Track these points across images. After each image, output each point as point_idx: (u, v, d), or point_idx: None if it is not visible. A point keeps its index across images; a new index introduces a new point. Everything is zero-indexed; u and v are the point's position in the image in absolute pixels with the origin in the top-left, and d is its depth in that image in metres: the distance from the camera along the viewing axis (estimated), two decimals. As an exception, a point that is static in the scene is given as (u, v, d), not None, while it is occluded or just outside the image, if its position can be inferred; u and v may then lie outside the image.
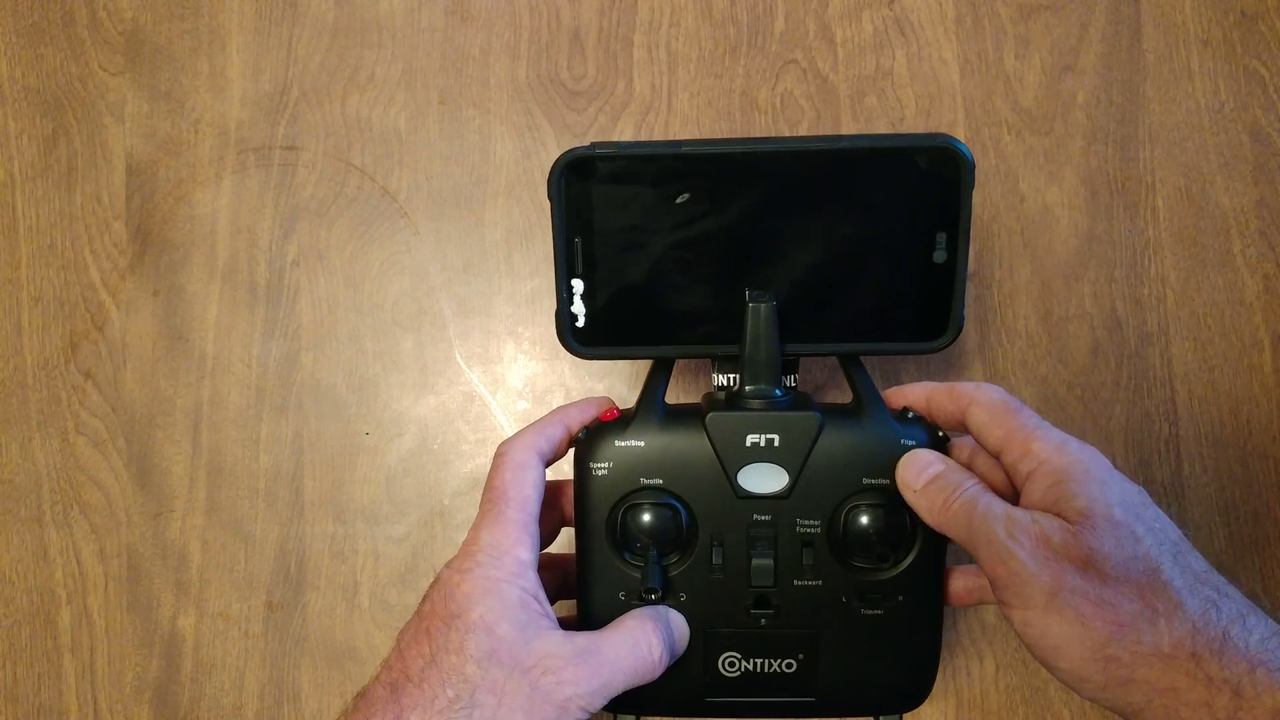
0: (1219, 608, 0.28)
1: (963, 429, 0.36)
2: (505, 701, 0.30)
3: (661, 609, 0.35)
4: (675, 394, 0.48)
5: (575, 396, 0.49)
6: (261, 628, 0.48)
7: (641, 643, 0.33)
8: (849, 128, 0.50)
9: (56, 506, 0.49)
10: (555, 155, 0.50)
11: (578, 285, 0.37)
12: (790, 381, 0.37)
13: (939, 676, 0.47)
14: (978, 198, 0.49)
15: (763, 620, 0.36)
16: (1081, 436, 0.48)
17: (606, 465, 0.35)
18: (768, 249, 0.36)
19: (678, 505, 0.35)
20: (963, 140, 0.38)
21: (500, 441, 0.36)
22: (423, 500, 0.48)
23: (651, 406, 0.36)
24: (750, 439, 0.35)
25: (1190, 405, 0.48)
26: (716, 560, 0.36)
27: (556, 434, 0.36)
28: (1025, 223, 0.49)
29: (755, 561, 0.35)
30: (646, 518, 0.35)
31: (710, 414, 0.35)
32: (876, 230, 0.36)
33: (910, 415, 0.36)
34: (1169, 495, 0.48)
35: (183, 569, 0.48)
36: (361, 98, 0.50)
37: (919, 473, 0.34)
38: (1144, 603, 0.29)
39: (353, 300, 0.50)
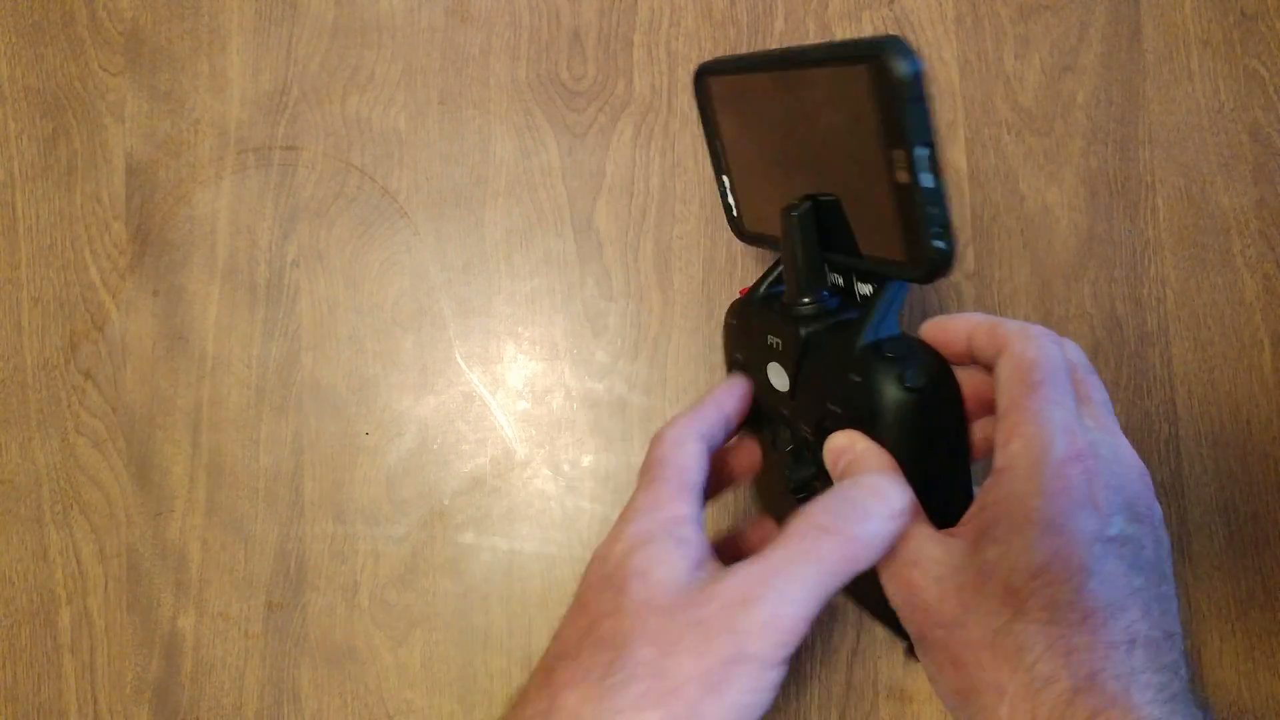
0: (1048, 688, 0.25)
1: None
2: (669, 650, 0.25)
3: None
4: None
5: (575, 397, 0.49)
6: (261, 628, 0.48)
7: (863, 498, 0.28)
8: (849, 128, 0.50)
9: (56, 506, 0.49)
10: (555, 155, 0.50)
11: (725, 181, 0.41)
12: (862, 289, 0.35)
13: (939, 676, 0.47)
14: (978, 197, 0.49)
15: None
16: (1081, 436, 0.48)
17: (727, 331, 0.40)
18: (802, 158, 0.35)
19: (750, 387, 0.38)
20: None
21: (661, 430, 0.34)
22: (423, 500, 0.48)
23: (769, 289, 0.39)
24: (770, 338, 0.36)
25: (1190, 405, 0.48)
26: (769, 443, 0.38)
27: (711, 415, 0.34)
28: (1025, 223, 0.49)
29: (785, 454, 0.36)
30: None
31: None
32: (846, 149, 0.32)
33: (904, 341, 0.32)
34: (1169, 495, 0.48)
35: (183, 569, 0.48)
36: (361, 98, 0.50)
37: (836, 457, 0.30)
38: (995, 672, 0.26)
39: (353, 300, 0.50)
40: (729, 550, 0.38)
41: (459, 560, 0.48)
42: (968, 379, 0.32)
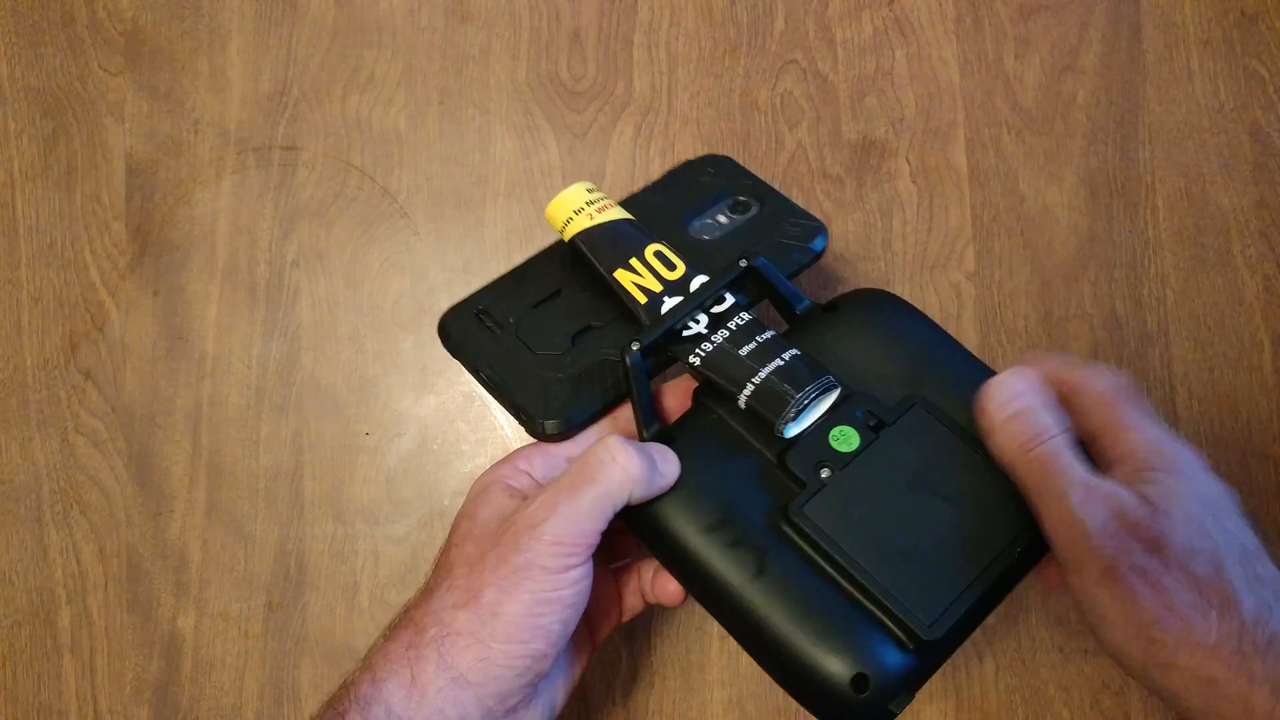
0: (1274, 611, 0.28)
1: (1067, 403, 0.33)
2: (476, 567, 0.32)
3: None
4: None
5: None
6: (261, 628, 0.48)
7: (603, 455, 0.33)
8: (849, 128, 0.50)
9: (56, 506, 0.49)
10: (555, 155, 0.50)
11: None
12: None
13: (940, 675, 0.47)
14: (978, 197, 0.49)
15: None
16: (1081, 436, 0.48)
17: None
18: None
19: None
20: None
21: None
22: (423, 500, 0.48)
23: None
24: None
25: (1190, 405, 0.48)
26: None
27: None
28: (1025, 223, 0.49)
29: None
30: None
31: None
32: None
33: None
34: (1169, 495, 0.48)
35: (183, 569, 0.48)
36: (361, 98, 0.51)
37: (1006, 402, 0.31)
38: (1199, 594, 0.28)
39: (353, 300, 0.50)
40: None
41: (459, 560, 0.48)
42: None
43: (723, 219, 0.41)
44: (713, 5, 0.51)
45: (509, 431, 0.49)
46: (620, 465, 0.32)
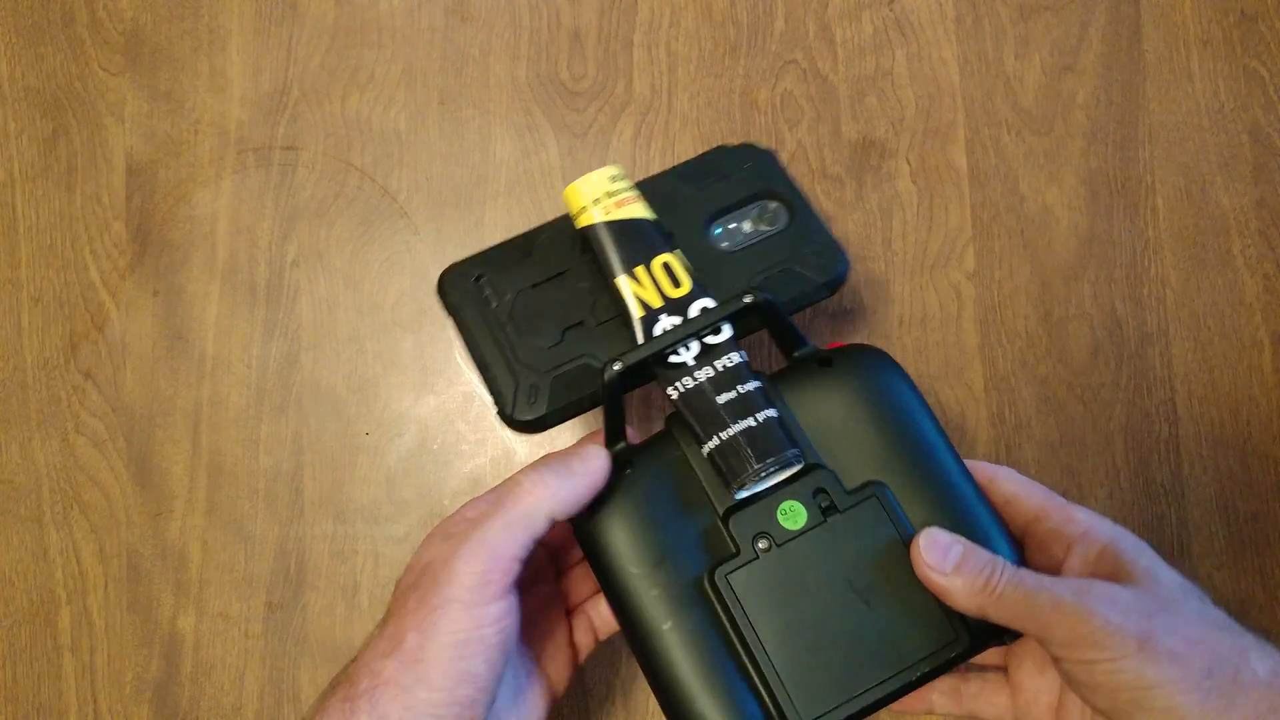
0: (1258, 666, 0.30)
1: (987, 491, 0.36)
2: (399, 615, 0.32)
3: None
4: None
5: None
6: (261, 628, 0.48)
7: (515, 481, 0.33)
8: (849, 128, 0.50)
9: (56, 506, 0.49)
10: (555, 155, 0.50)
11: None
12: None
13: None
14: (978, 197, 0.49)
15: None
16: (1081, 437, 0.48)
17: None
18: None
19: None
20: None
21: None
22: (423, 500, 0.48)
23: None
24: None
25: (1190, 405, 0.48)
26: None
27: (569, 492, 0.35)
28: (1025, 223, 0.49)
29: None
30: None
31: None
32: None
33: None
34: (1169, 495, 0.48)
35: (183, 569, 0.48)
36: (361, 98, 0.51)
37: (943, 555, 0.32)
38: (1232, 642, 0.30)
39: (353, 300, 0.50)
40: None
41: (459, 560, 0.48)
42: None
43: (747, 227, 0.40)
44: (713, 5, 0.51)
45: (509, 431, 0.49)
46: (527, 490, 0.32)
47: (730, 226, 0.40)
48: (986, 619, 0.32)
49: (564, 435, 0.48)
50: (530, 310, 0.38)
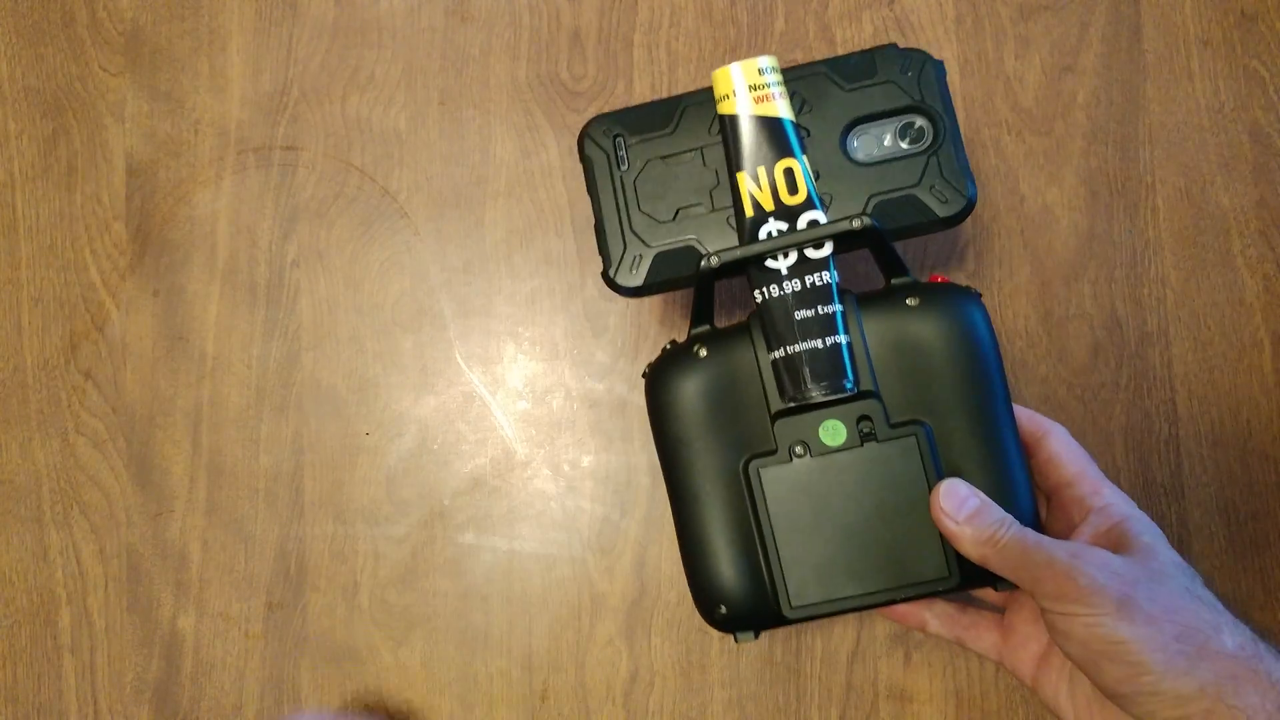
0: (1254, 637, 0.33)
1: (1031, 448, 0.39)
2: None
3: None
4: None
5: (575, 397, 0.49)
6: (261, 628, 0.48)
7: None
8: (849, 128, 0.50)
9: (56, 506, 0.49)
10: (555, 155, 0.50)
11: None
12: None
13: (939, 676, 0.47)
14: (979, 197, 0.49)
15: None
16: (1081, 437, 0.48)
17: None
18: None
19: None
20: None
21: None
22: (423, 500, 0.48)
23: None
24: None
25: (1190, 405, 0.48)
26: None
27: None
28: (1025, 223, 0.49)
29: None
30: None
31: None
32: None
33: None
34: (1169, 495, 0.48)
35: (183, 569, 0.48)
36: (361, 98, 0.51)
37: (958, 507, 0.35)
38: (1209, 617, 0.32)
39: (353, 300, 0.50)
40: None
41: (459, 560, 0.48)
42: None
43: (887, 140, 0.39)
44: (713, 5, 0.51)
45: (509, 432, 0.49)
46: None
47: (868, 136, 0.40)
48: (987, 567, 0.35)
49: (620, 470, 0.48)
50: (655, 182, 0.40)
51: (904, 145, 0.39)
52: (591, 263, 0.49)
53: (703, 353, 0.38)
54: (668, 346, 0.39)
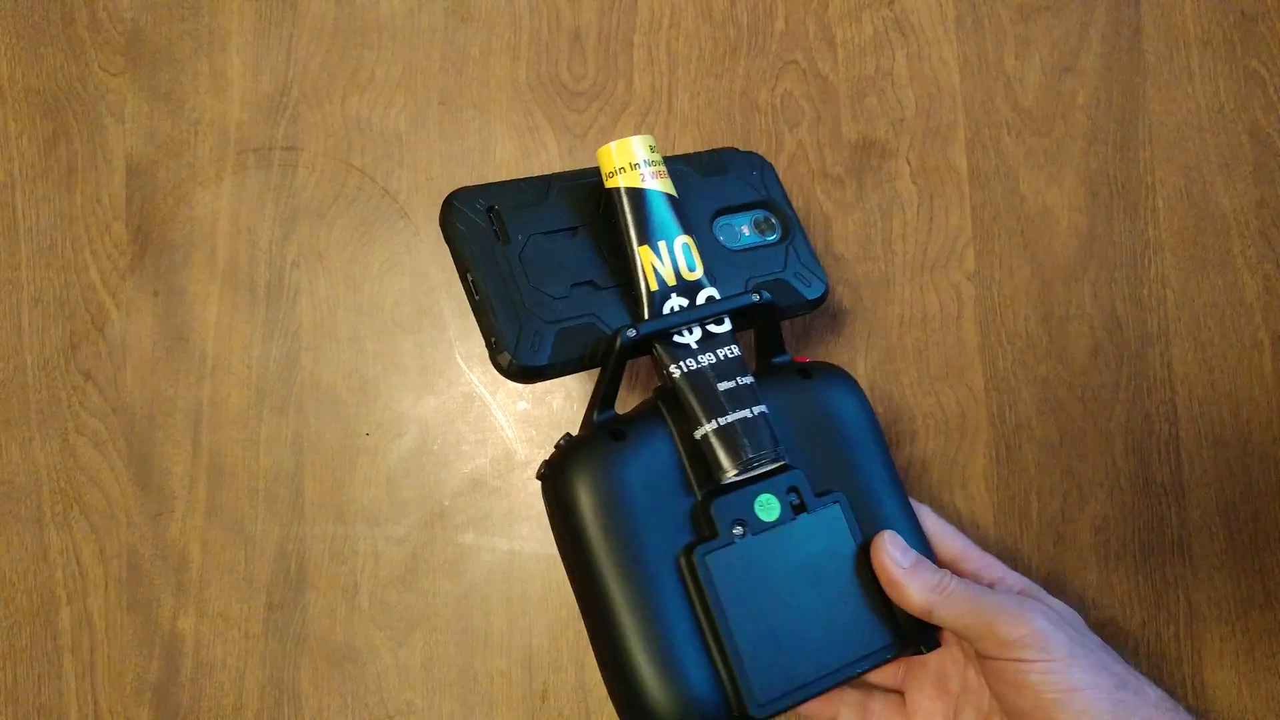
0: (1164, 692, 0.35)
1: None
2: None
3: None
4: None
5: (576, 397, 0.49)
6: (261, 628, 0.48)
7: None
8: (849, 128, 0.50)
9: (56, 507, 0.49)
10: (555, 156, 0.50)
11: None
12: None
13: (939, 677, 0.47)
14: (978, 197, 0.49)
15: None
16: (1081, 437, 0.48)
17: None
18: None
19: None
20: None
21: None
22: (423, 501, 0.48)
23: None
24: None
25: (1190, 406, 0.48)
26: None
27: None
28: (1025, 223, 0.49)
29: None
30: None
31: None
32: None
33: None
34: (1169, 495, 0.48)
35: (183, 570, 0.48)
36: (361, 98, 0.51)
37: (901, 557, 0.36)
38: (1129, 670, 0.35)
39: (353, 301, 0.50)
40: None
41: (459, 561, 0.48)
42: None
43: (746, 231, 0.41)
44: (713, 5, 0.51)
45: (509, 432, 0.49)
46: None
47: (731, 226, 0.41)
48: (930, 617, 0.35)
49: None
50: (542, 258, 0.37)
51: (760, 237, 0.41)
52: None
53: (614, 441, 0.35)
54: (562, 441, 0.36)
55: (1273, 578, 0.47)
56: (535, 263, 0.37)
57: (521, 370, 0.35)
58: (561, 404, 0.49)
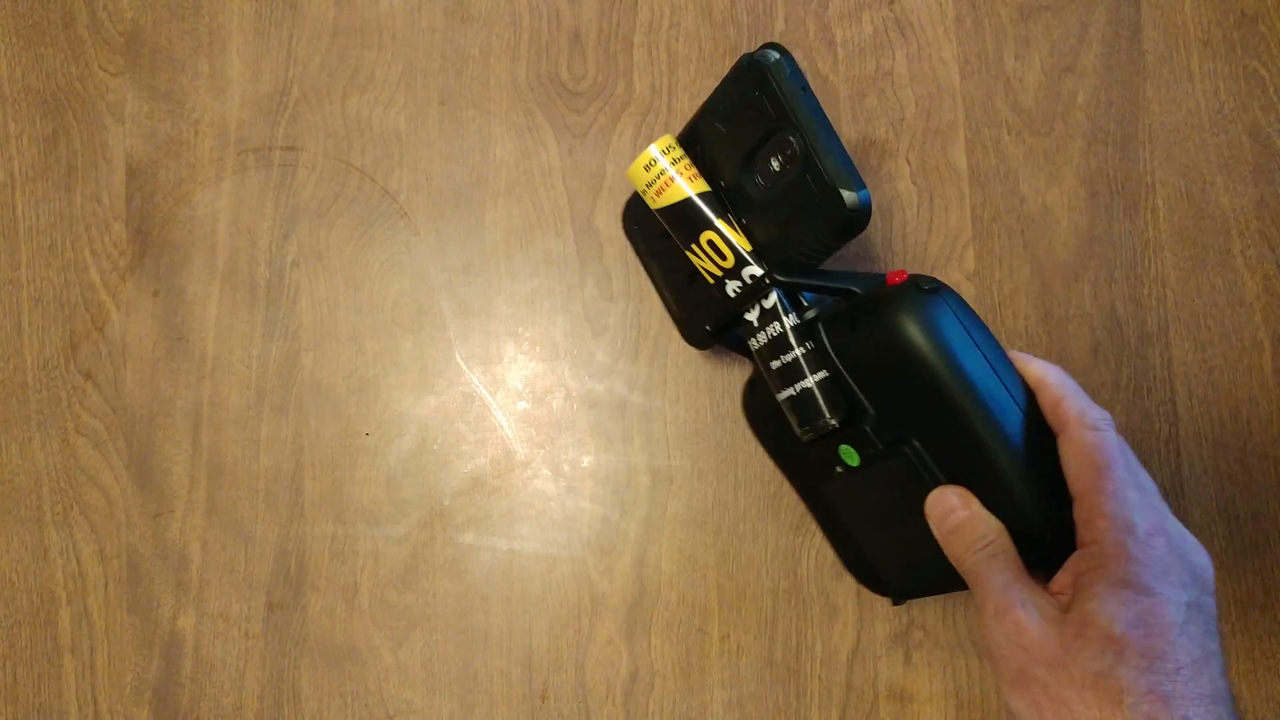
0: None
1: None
2: None
3: None
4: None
5: (576, 397, 0.49)
6: (261, 628, 0.48)
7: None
8: (849, 128, 0.50)
9: (56, 507, 0.49)
10: (555, 155, 0.50)
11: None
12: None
13: (939, 676, 0.47)
14: (978, 197, 0.49)
15: None
16: (1081, 437, 0.48)
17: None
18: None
19: None
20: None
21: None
22: (423, 501, 0.48)
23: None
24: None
25: (1190, 405, 0.48)
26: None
27: None
28: (1025, 223, 0.49)
29: None
30: None
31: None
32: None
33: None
34: (1169, 495, 0.48)
35: (183, 569, 0.48)
36: (361, 98, 0.50)
37: (943, 516, 0.36)
38: (1098, 710, 0.29)
39: (353, 301, 0.50)
40: None
41: (459, 561, 0.48)
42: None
43: (775, 165, 0.37)
44: (713, 5, 0.51)
45: (509, 432, 0.49)
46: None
47: (765, 165, 0.38)
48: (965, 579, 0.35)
49: (619, 471, 0.48)
50: (663, 255, 0.44)
51: (789, 168, 0.37)
52: (591, 262, 0.49)
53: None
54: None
55: (1273, 578, 0.47)
56: (662, 260, 0.44)
57: (705, 345, 0.44)
58: (561, 404, 0.49)
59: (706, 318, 0.42)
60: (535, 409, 0.49)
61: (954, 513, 0.35)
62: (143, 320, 0.50)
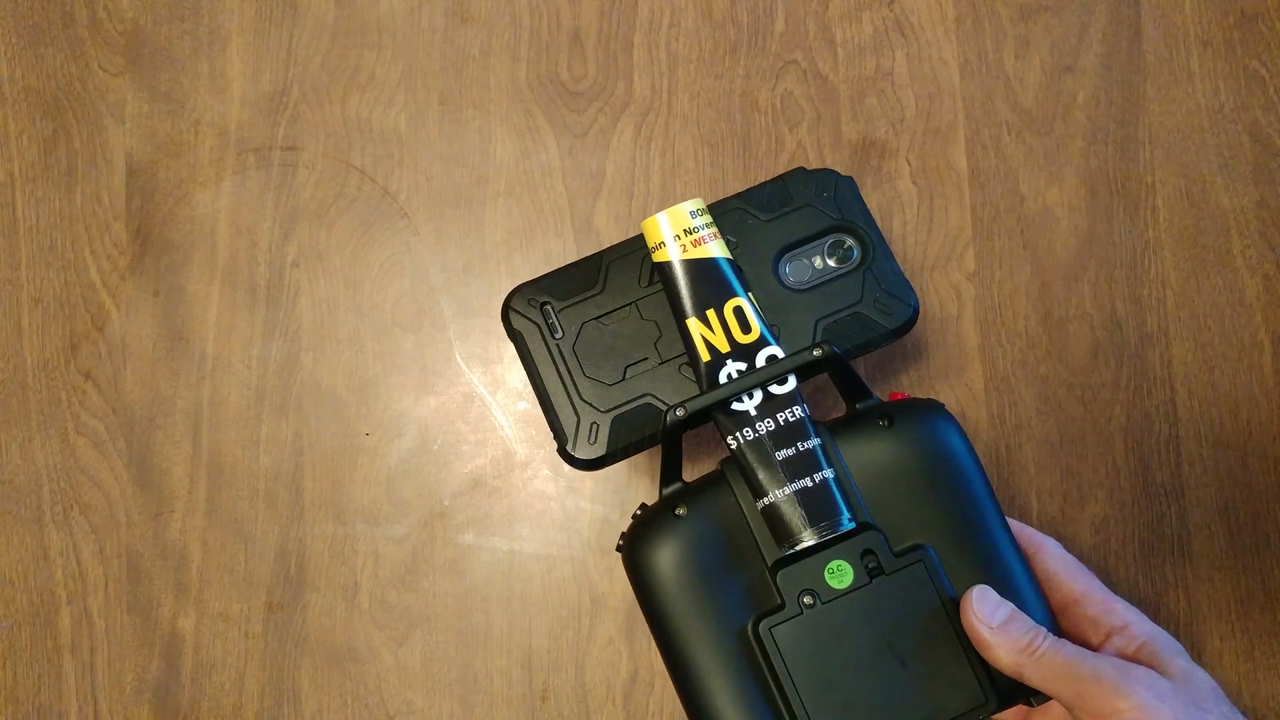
0: None
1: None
2: None
3: None
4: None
5: (575, 397, 0.49)
6: (261, 628, 0.48)
7: None
8: (849, 128, 0.50)
9: (56, 507, 0.49)
10: (555, 156, 0.50)
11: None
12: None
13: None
14: (978, 197, 0.49)
15: None
16: (1081, 437, 0.48)
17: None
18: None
19: None
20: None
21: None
22: (423, 501, 0.48)
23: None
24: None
25: (1190, 406, 0.48)
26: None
27: None
28: (1025, 223, 0.49)
29: None
30: None
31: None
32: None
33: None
34: (1169, 495, 0.48)
35: (183, 569, 0.48)
36: (361, 98, 0.51)
37: (991, 613, 0.34)
38: None
39: (353, 301, 0.50)
40: None
41: (459, 561, 0.48)
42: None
43: (818, 263, 0.39)
44: (713, 5, 0.51)
45: (509, 432, 0.49)
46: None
47: (799, 262, 0.39)
48: (1021, 679, 0.33)
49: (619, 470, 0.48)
50: (594, 345, 0.38)
51: (836, 265, 0.39)
52: (591, 263, 0.49)
53: (681, 511, 0.35)
54: (638, 512, 0.37)
55: (1273, 578, 0.47)
56: (589, 352, 0.38)
57: (584, 463, 0.37)
58: (561, 404, 0.49)
59: (638, 418, 0.37)
60: (535, 409, 0.49)
61: (1000, 607, 0.34)
62: (143, 320, 0.50)
